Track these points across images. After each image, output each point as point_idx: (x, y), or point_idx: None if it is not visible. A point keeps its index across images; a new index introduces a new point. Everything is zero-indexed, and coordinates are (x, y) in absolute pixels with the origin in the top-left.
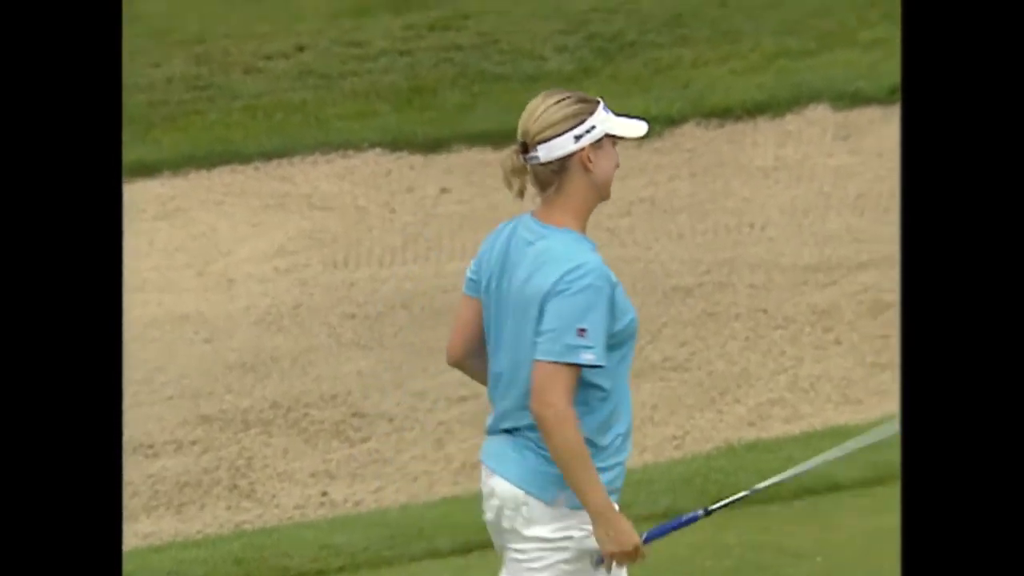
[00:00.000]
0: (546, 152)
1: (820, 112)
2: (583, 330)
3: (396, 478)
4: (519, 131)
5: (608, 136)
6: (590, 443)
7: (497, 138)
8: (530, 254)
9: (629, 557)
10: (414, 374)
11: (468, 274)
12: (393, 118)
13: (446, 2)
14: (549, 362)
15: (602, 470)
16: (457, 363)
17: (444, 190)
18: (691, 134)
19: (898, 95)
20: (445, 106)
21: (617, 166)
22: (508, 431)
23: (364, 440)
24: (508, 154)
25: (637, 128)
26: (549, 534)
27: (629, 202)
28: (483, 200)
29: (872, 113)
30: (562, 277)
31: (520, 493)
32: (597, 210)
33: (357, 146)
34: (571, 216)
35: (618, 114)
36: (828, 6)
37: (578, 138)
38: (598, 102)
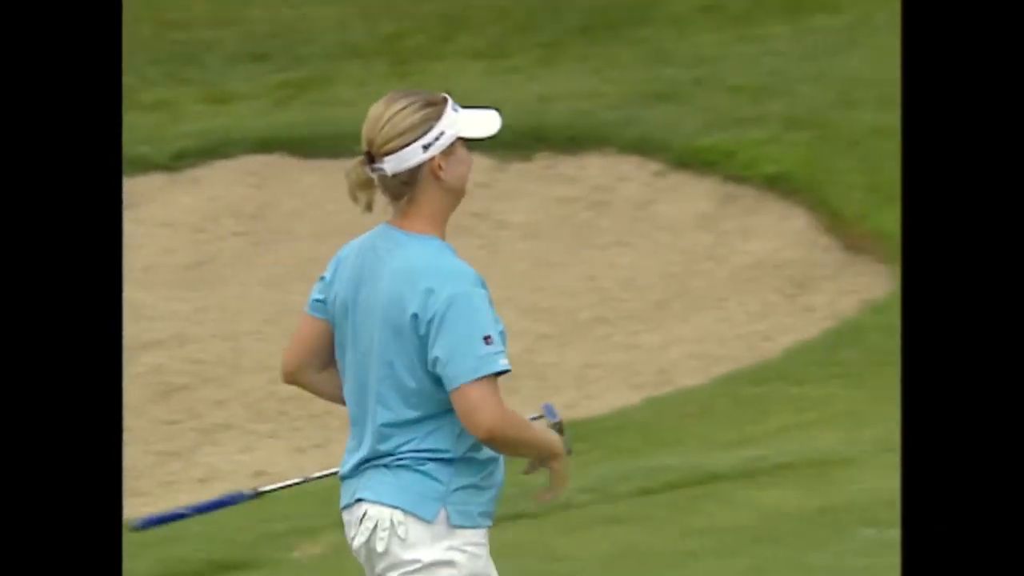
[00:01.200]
0: (393, 164)
1: None
2: (488, 337)
3: None
4: (363, 140)
5: (460, 138)
6: (468, 460)
7: None
8: (391, 265)
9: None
10: None
11: (314, 295)
12: None
13: None
14: (469, 383)
15: (481, 489)
16: (293, 378)
17: None
18: None
19: (183, 161)
20: None
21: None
22: (377, 463)
23: None
24: (353, 166)
25: (490, 125)
26: (430, 556)
27: None
28: None
29: (157, 180)
30: (437, 292)
31: (397, 512)
32: None
33: None
34: (430, 225)
35: (466, 107)
36: None
37: (427, 147)
38: (446, 101)
